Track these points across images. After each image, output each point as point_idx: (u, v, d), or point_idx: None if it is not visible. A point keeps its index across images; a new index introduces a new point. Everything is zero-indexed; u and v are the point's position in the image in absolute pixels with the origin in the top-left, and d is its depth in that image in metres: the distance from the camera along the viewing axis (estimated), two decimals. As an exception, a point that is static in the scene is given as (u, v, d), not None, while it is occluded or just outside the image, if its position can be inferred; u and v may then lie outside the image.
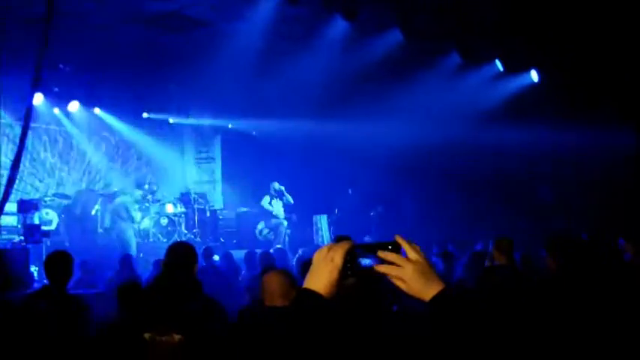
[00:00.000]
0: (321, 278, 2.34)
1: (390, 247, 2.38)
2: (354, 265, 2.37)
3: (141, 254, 16.76)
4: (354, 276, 2.38)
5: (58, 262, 6.79)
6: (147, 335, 5.13)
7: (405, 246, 2.37)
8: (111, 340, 5.54)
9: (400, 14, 14.85)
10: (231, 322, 5.52)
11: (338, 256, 2.35)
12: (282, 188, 20.32)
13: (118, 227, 17.49)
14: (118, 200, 17.97)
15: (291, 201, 20.28)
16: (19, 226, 16.06)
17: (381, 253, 2.38)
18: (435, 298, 2.31)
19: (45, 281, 7.35)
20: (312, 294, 2.32)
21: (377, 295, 3.17)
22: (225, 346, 5.00)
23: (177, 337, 5.07)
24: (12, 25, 14.36)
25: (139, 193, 19.18)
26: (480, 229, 16.64)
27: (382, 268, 2.35)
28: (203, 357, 5.07)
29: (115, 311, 6.69)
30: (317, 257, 2.40)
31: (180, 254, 5.79)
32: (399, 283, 2.34)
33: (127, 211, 17.58)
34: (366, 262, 2.41)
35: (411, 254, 2.36)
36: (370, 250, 2.42)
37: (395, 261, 2.34)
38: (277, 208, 20.18)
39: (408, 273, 2.32)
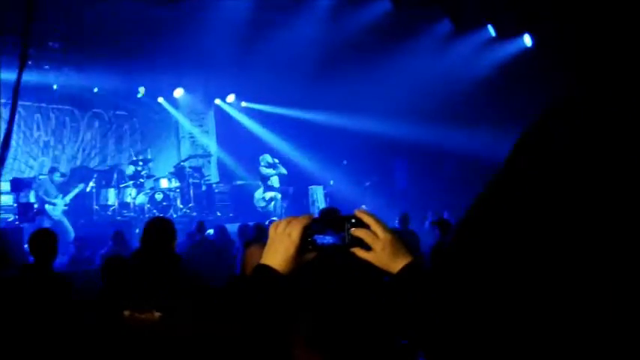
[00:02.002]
0: (277, 254, 2.28)
1: (353, 220, 2.31)
2: (314, 241, 2.31)
3: (137, 230, 16.74)
4: (315, 251, 2.32)
5: (42, 240, 6.75)
6: (126, 312, 5.10)
7: (368, 220, 2.30)
8: (91, 318, 5.50)
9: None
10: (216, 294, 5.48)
11: (295, 231, 2.28)
12: (276, 161, 20.32)
13: None
14: None
15: (284, 172, 20.29)
16: (15, 205, 16.05)
17: (355, 231, 2.30)
18: (401, 271, 2.25)
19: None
20: (266, 270, 2.27)
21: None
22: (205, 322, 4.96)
23: (156, 314, 5.04)
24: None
25: (131, 169, 19.19)
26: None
27: (359, 233, 2.27)
28: (184, 333, 5.03)
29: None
30: (272, 232, 2.34)
31: (157, 230, 5.75)
32: (366, 255, 2.29)
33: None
34: (325, 238, 2.34)
35: (377, 228, 2.29)
36: (330, 224, 2.35)
37: (364, 236, 2.28)
38: (272, 179, 20.20)
39: (378, 246, 2.26)
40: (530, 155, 1.77)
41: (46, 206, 17.05)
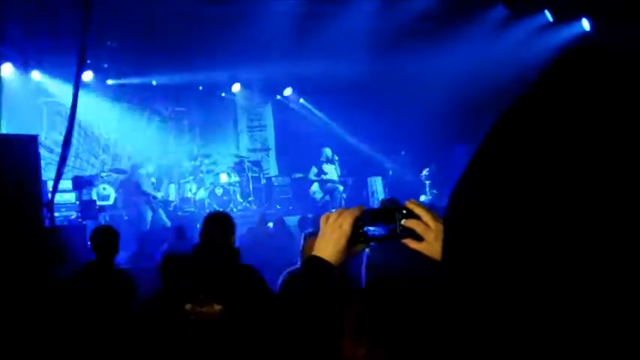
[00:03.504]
0: (328, 245, 2.27)
1: (404, 211, 2.29)
2: (365, 232, 2.30)
3: (198, 225, 16.86)
4: (365, 243, 2.31)
5: (103, 237, 6.84)
6: (188, 306, 5.13)
7: (419, 211, 2.27)
8: (153, 313, 5.55)
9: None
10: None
11: (347, 222, 2.26)
12: (335, 157, 20.33)
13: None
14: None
15: (338, 171, 20.36)
16: (77, 202, 16.28)
17: (406, 222, 2.27)
18: None
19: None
20: (317, 261, 2.26)
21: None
22: (265, 315, 4.97)
23: (217, 307, 5.06)
24: (58, 5, 14.51)
25: (191, 164, 19.40)
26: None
27: (410, 223, 2.25)
28: (244, 327, 5.05)
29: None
30: (323, 223, 2.33)
31: (216, 224, 5.77)
32: (417, 246, 2.26)
33: (138, 186, 17.62)
34: (376, 229, 2.33)
35: (428, 218, 2.27)
36: (381, 216, 2.33)
37: (415, 227, 2.25)
38: (330, 172, 20.19)
39: (430, 236, 2.24)
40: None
41: (150, 198, 17.45)
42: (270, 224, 14.80)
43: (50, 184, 12.22)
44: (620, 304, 1.41)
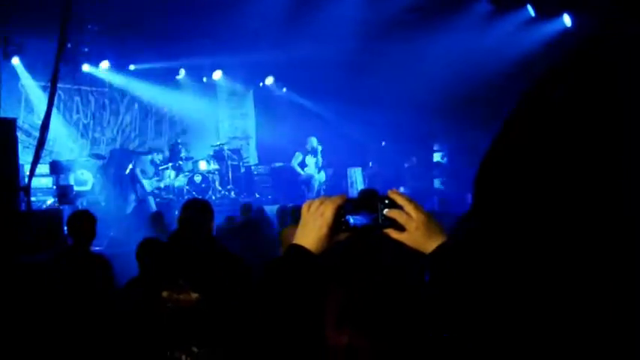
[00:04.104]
0: (310, 233, 2.25)
1: (386, 201, 2.26)
2: (347, 221, 2.28)
3: (176, 212, 16.80)
4: (347, 231, 2.28)
5: (80, 222, 6.77)
6: (165, 293, 5.09)
7: (401, 201, 2.25)
8: (129, 299, 5.50)
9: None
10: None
11: (328, 211, 2.24)
12: (319, 148, 20.32)
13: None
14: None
15: (319, 161, 20.34)
16: (54, 187, 16.18)
17: (388, 211, 2.25)
18: (435, 251, 2.21)
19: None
20: (299, 249, 2.23)
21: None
22: (245, 303, 4.93)
23: (194, 295, 5.02)
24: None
25: (170, 151, 19.36)
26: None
27: (392, 213, 2.23)
28: (222, 314, 5.01)
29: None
30: (305, 211, 2.30)
31: (194, 211, 5.72)
32: (399, 236, 2.24)
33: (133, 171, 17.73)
34: (358, 218, 2.31)
35: (410, 208, 2.24)
36: (363, 205, 2.31)
37: (397, 217, 2.23)
38: (310, 164, 20.19)
39: (412, 226, 2.22)
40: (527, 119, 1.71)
41: (138, 186, 17.40)
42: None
43: (27, 168, 12.13)
44: (617, 305, 1.39)
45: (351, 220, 2.28)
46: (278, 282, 2.19)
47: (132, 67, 20.50)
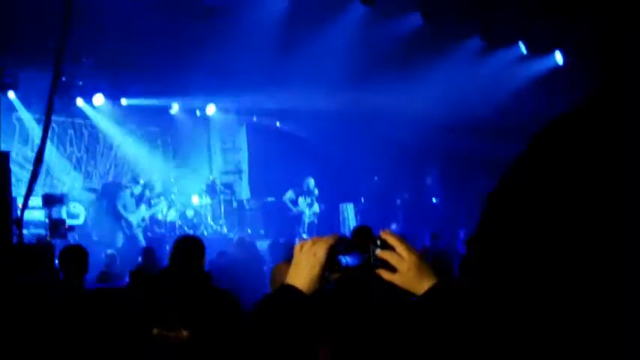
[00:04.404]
0: (302, 273, 2.27)
1: (378, 242, 2.29)
2: (339, 261, 2.29)
3: (167, 246, 16.77)
4: (339, 272, 2.30)
5: (72, 257, 6.77)
6: (155, 330, 5.08)
7: (393, 242, 2.27)
8: (120, 335, 5.49)
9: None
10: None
11: (321, 251, 2.26)
12: (315, 191, 20.36)
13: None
14: None
15: (316, 209, 20.38)
16: (46, 220, 16.12)
17: (380, 252, 2.27)
18: (426, 293, 2.23)
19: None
20: (290, 289, 2.25)
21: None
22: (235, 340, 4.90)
23: (184, 332, 5.01)
24: (32, 19, 14.43)
25: (163, 185, 19.38)
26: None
27: (384, 254, 2.25)
28: (213, 352, 5.00)
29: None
30: (297, 252, 2.32)
31: (186, 248, 5.73)
32: (391, 277, 2.26)
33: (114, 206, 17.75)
34: (350, 259, 2.32)
35: (402, 249, 2.27)
36: (355, 245, 2.33)
37: (389, 258, 2.25)
38: (302, 205, 20.20)
39: (404, 267, 2.24)
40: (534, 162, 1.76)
41: (122, 221, 17.35)
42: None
43: (20, 201, 12.10)
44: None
45: (344, 261, 2.29)
46: (269, 321, 2.21)
47: (125, 101, 20.53)
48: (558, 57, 17.69)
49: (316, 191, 20.43)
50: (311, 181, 20.43)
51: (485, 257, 1.81)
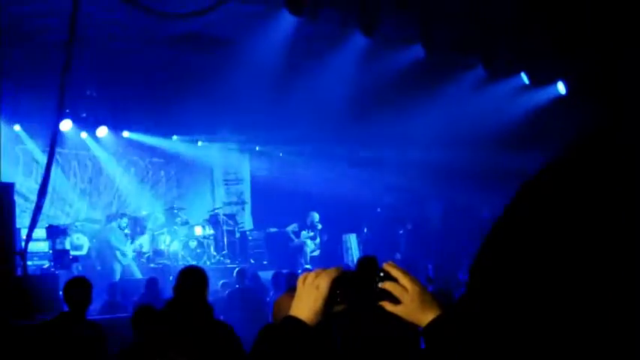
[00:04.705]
0: (305, 306, 2.28)
1: (381, 274, 2.31)
2: (343, 293, 2.31)
3: (170, 277, 16.75)
4: (343, 304, 2.32)
5: (76, 289, 6.79)
6: (158, 361, 5.08)
7: (396, 273, 2.30)
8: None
9: (422, 28, 14.76)
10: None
11: (324, 283, 2.28)
12: (319, 226, 20.39)
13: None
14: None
15: (316, 241, 20.42)
16: (50, 251, 16.14)
17: (384, 284, 2.30)
18: (430, 324, 2.25)
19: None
20: (294, 322, 2.27)
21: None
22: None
23: (188, 365, 5.02)
24: (36, 52, 14.56)
25: (166, 216, 19.40)
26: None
27: (387, 286, 2.27)
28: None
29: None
30: (300, 284, 2.34)
31: (190, 279, 5.75)
32: (394, 308, 2.28)
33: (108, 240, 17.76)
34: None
35: (405, 281, 2.29)
36: (358, 278, 2.35)
37: (392, 289, 2.28)
38: (304, 237, 20.22)
39: (407, 299, 2.26)
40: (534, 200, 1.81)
41: (117, 253, 17.35)
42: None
43: (24, 232, 12.13)
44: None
45: (347, 293, 2.31)
46: (272, 352, 2.23)
47: (126, 133, 20.64)
48: (561, 87, 17.70)
49: (319, 226, 20.45)
50: (315, 216, 20.48)
51: (487, 287, 1.84)
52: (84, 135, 19.84)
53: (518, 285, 1.68)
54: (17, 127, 18.13)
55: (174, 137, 21.85)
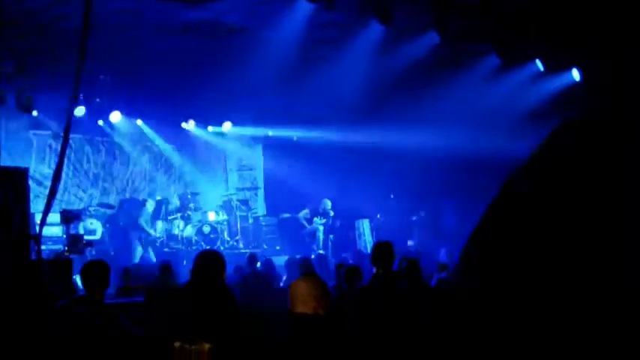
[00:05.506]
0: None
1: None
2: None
3: (184, 262, 16.81)
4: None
5: (94, 272, 6.80)
6: (176, 344, 5.11)
7: None
8: (141, 350, 5.53)
9: (437, 16, 14.71)
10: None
11: None
12: (331, 213, 20.41)
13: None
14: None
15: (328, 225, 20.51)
16: (64, 236, 16.21)
17: None
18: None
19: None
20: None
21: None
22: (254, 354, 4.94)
23: (206, 345, 5.04)
24: (51, 38, 14.59)
25: (179, 201, 19.46)
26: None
27: None
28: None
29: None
30: None
31: (208, 262, 5.77)
32: None
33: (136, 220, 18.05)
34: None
35: None
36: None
37: None
38: (317, 223, 20.26)
39: None
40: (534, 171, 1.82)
41: (142, 235, 17.64)
42: (258, 264, 14.76)
43: (38, 217, 12.18)
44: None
45: None
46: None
47: (139, 122, 20.69)
48: (575, 74, 17.59)
49: (332, 213, 20.47)
50: (327, 203, 20.50)
51: (484, 258, 1.85)
52: (100, 122, 19.87)
53: (512, 262, 1.70)
54: (34, 112, 18.17)
55: (190, 122, 21.82)
